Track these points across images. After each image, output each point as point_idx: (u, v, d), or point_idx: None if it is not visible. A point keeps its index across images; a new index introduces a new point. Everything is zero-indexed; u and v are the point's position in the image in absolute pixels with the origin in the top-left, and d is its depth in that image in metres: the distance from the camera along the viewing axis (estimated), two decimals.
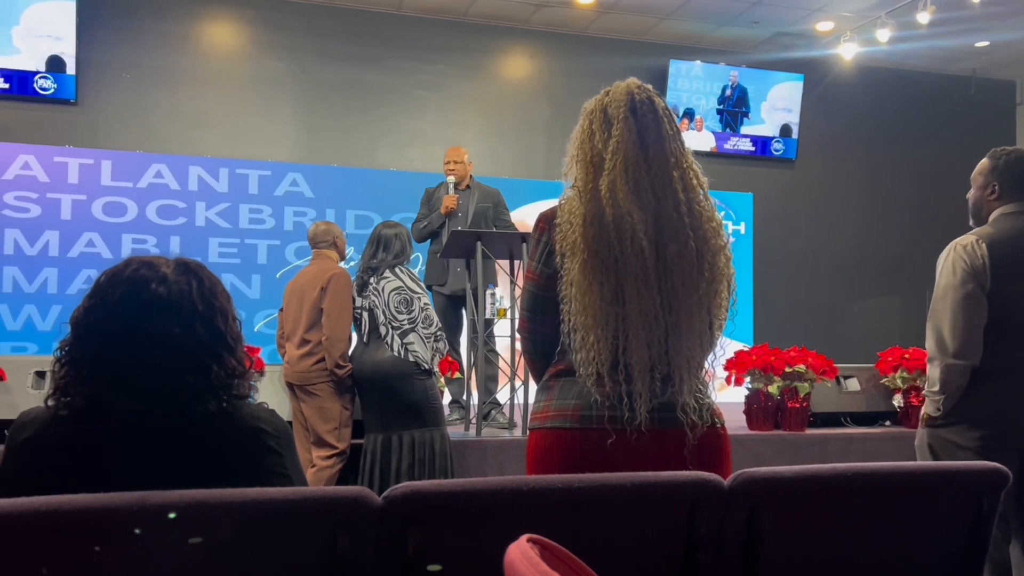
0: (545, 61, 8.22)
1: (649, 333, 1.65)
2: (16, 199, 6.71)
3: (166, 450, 1.35)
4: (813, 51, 8.47)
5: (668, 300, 1.67)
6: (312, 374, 4.18)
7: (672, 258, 1.67)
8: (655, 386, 1.66)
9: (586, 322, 1.65)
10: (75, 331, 1.38)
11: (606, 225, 1.66)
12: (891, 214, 8.95)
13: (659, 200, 1.69)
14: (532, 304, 1.80)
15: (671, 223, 1.68)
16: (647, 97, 1.75)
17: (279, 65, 7.51)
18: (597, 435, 1.65)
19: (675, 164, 1.72)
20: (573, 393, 1.70)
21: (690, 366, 1.69)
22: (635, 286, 1.65)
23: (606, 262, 1.65)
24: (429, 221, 5.22)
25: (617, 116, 1.72)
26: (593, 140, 1.74)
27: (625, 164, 1.68)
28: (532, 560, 0.66)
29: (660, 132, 1.72)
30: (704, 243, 1.71)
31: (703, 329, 1.71)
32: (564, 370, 1.74)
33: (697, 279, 1.69)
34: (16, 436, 1.37)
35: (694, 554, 1.42)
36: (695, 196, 1.73)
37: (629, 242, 1.65)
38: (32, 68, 6.80)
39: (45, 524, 1.15)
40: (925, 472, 1.61)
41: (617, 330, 1.65)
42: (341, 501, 1.26)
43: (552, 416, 1.72)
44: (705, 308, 1.70)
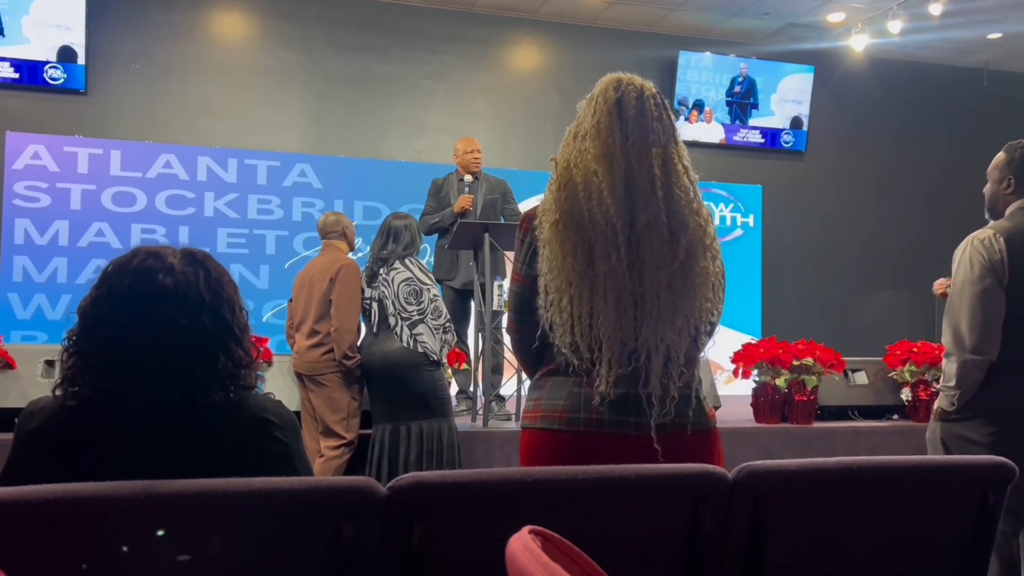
0: (554, 52, 8.20)
1: (617, 300, 1.63)
2: (26, 189, 6.74)
3: (173, 440, 1.36)
4: (824, 43, 8.42)
5: (637, 271, 1.65)
6: (321, 364, 4.20)
7: (641, 228, 1.66)
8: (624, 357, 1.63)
9: (559, 285, 1.65)
10: (82, 321, 1.39)
11: (575, 187, 1.67)
12: (901, 207, 8.91)
13: (632, 171, 1.67)
14: (519, 305, 1.80)
15: (643, 195, 1.67)
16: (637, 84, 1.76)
17: (288, 55, 7.51)
18: (585, 437, 1.65)
19: (655, 141, 1.70)
20: (563, 393, 1.70)
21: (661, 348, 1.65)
22: (604, 248, 1.64)
23: (579, 223, 1.65)
24: (441, 218, 5.14)
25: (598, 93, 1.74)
26: (578, 119, 1.76)
27: (597, 130, 1.69)
28: (533, 551, 0.66)
29: (642, 109, 1.71)
30: (681, 226, 1.68)
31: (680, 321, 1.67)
32: (553, 370, 1.74)
33: (667, 256, 1.66)
34: (25, 425, 1.38)
35: (698, 547, 1.42)
36: (676, 179, 1.70)
37: (596, 203, 1.65)
38: (42, 58, 6.82)
39: (52, 512, 1.16)
40: (930, 466, 1.60)
41: (590, 293, 1.64)
42: (346, 491, 1.26)
43: (541, 416, 1.73)
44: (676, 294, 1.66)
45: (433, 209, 5.24)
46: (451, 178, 5.31)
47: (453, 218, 5.08)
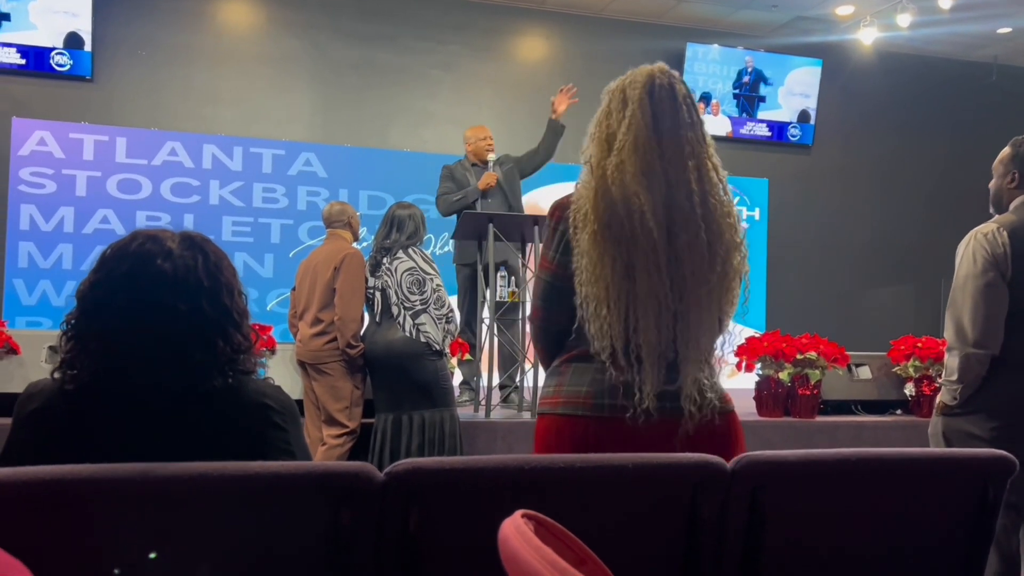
0: (561, 43, 8.17)
1: (658, 316, 1.64)
2: (32, 175, 6.75)
3: (171, 424, 1.36)
4: (832, 36, 8.38)
5: (678, 288, 1.66)
6: (324, 353, 4.20)
7: (682, 248, 1.66)
8: (662, 372, 1.65)
9: (598, 293, 1.65)
10: (81, 305, 1.39)
11: (614, 202, 1.66)
12: (907, 202, 8.88)
13: (671, 187, 1.67)
14: (546, 293, 1.79)
15: (682, 213, 1.67)
16: (668, 82, 1.73)
17: (294, 43, 7.50)
18: (608, 423, 1.65)
19: (691, 153, 1.70)
20: (586, 380, 1.70)
21: (697, 356, 1.68)
22: (645, 266, 1.64)
23: (617, 236, 1.64)
24: (465, 195, 5.07)
25: (633, 97, 1.70)
26: (609, 119, 1.72)
27: (635, 145, 1.67)
28: (525, 535, 0.66)
29: (677, 118, 1.70)
30: (717, 238, 1.69)
31: (712, 322, 1.70)
32: (577, 356, 1.73)
33: (708, 272, 1.67)
34: (24, 407, 1.39)
35: (696, 536, 1.42)
36: (712, 189, 1.71)
37: (638, 222, 1.64)
38: (49, 44, 6.82)
39: (50, 493, 1.17)
40: (930, 459, 1.60)
41: (628, 307, 1.64)
42: (344, 476, 1.26)
43: (563, 402, 1.72)
44: (716, 302, 1.69)
45: (450, 191, 5.16)
46: (463, 164, 5.27)
47: (477, 195, 5.05)
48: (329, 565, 1.27)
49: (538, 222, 4.75)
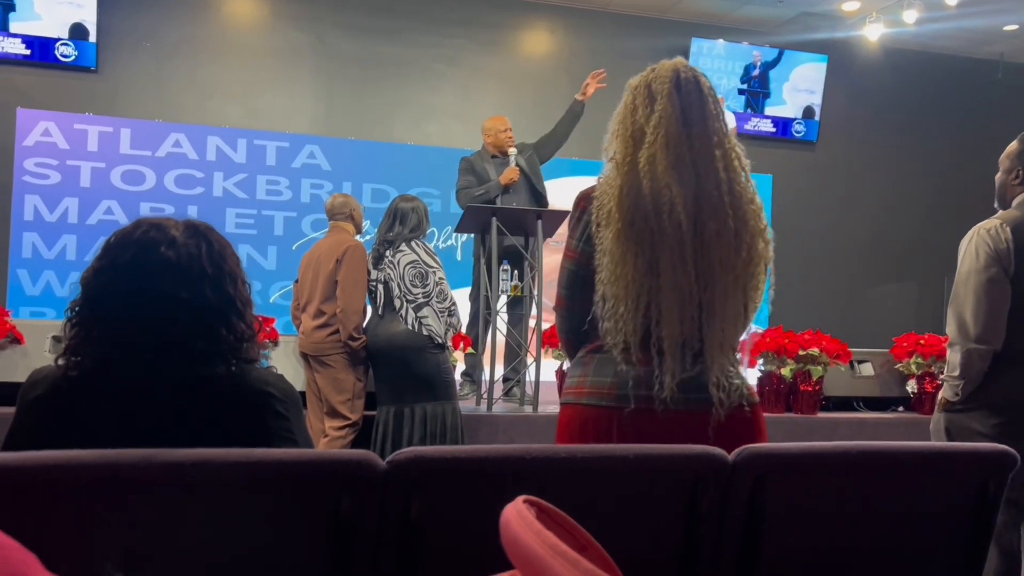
0: (565, 37, 8.16)
1: (682, 308, 1.65)
2: (36, 165, 6.76)
3: (174, 411, 1.37)
4: (838, 32, 8.36)
5: (704, 277, 1.67)
6: (326, 345, 4.21)
7: (710, 236, 1.67)
8: (686, 363, 1.66)
9: (616, 292, 1.65)
10: (85, 292, 1.39)
11: (643, 197, 1.66)
12: (912, 200, 8.86)
13: (700, 178, 1.68)
14: (571, 282, 1.79)
15: (711, 201, 1.68)
16: (692, 76, 1.75)
17: (298, 36, 7.50)
18: (631, 414, 1.65)
19: (717, 143, 1.72)
20: (609, 371, 1.70)
21: (722, 345, 1.69)
22: (670, 260, 1.65)
23: (641, 233, 1.65)
24: (487, 190, 5.04)
25: (661, 92, 1.71)
26: (635, 115, 1.73)
27: (667, 139, 1.68)
28: (527, 519, 0.66)
29: (704, 111, 1.72)
30: (743, 224, 1.70)
31: (738, 310, 1.71)
32: (601, 346, 1.74)
33: (734, 259, 1.69)
34: (27, 394, 1.39)
35: (696, 527, 1.42)
36: (736, 176, 1.73)
37: (667, 216, 1.65)
38: (54, 35, 6.82)
39: (53, 478, 1.17)
40: (931, 452, 1.60)
41: (650, 303, 1.65)
42: (346, 464, 1.26)
43: (587, 393, 1.72)
44: (741, 289, 1.70)
45: (471, 184, 5.12)
46: (482, 155, 5.22)
47: (499, 190, 5.02)
48: (331, 553, 1.28)
49: (541, 216, 4.75)
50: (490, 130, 5.26)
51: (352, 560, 1.28)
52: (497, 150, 5.20)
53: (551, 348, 4.87)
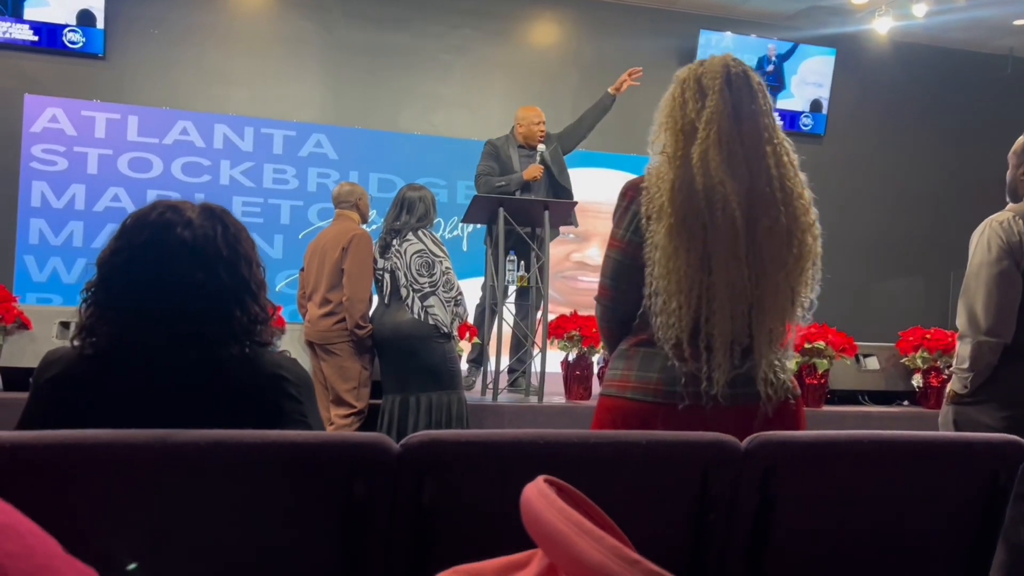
0: (573, 28, 8.13)
1: (734, 305, 1.65)
2: (44, 152, 6.76)
3: (187, 392, 1.37)
4: (847, 25, 8.32)
5: (756, 274, 1.67)
6: (332, 333, 4.21)
7: (763, 233, 1.67)
8: (735, 359, 1.66)
9: (669, 287, 1.65)
10: (101, 273, 1.40)
11: (696, 193, 1.66)
12: (919, 195, 8.83)
13: (752, 174, 1.69)
14: (616, 272, 1.79)
15: (763, 198, 1.68)
16: (742, 71, 1.75)
17: (306, 25, 7.48)
18: (677, 410, 1.65)
19: (768, 139, 1.72)
20: (656, 366, 1.70)
21: (771, 341, 1.69)
22: (724, 257, 1.65)
23: (693, 229, 1.65)
24: (508, 182, 4.97)
25: (712, 87, 1.71)
26: (685, 109, 1.72)
27: (719, 135, 1.68)
28: (549, 497, 0.66)
29: (755, 106, 1.72)
30: (794, 220, 1.71)
31: (786, 305, 1.71)
32: (647, 340, 1.74)
33: (786, 255, 1.69)
34: (42, 374, 1.40)
35: (706, 515, 1.42)
36: (786, 172, 1.73)
37: (720, 211, 1.65)
38: (62, 21, 6.82)
39: (67, 457, 1.18)
40: (941, 443, 1.60)
41: (701, 298, 1.65)
42: (359, 447, 1.27)
43: (632, 387, 1.72)
44: (791, 285, 1.70)
45: (493, 171, 5.05)
46: (509, 141, 5.14)
47: (519, 185, 4.96)
48: (343, 535, 1.28)
49: (548, 207, 4.74)
50: (523, 120, 5.14)
51: (365, 543, 1.29)
52: (526, 142, 5.11)
53: (556, 339, 4.87)
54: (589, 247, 7.90)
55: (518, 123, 5.19)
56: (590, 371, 4.93)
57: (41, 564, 0.69)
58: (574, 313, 4.97)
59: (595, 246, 7.89)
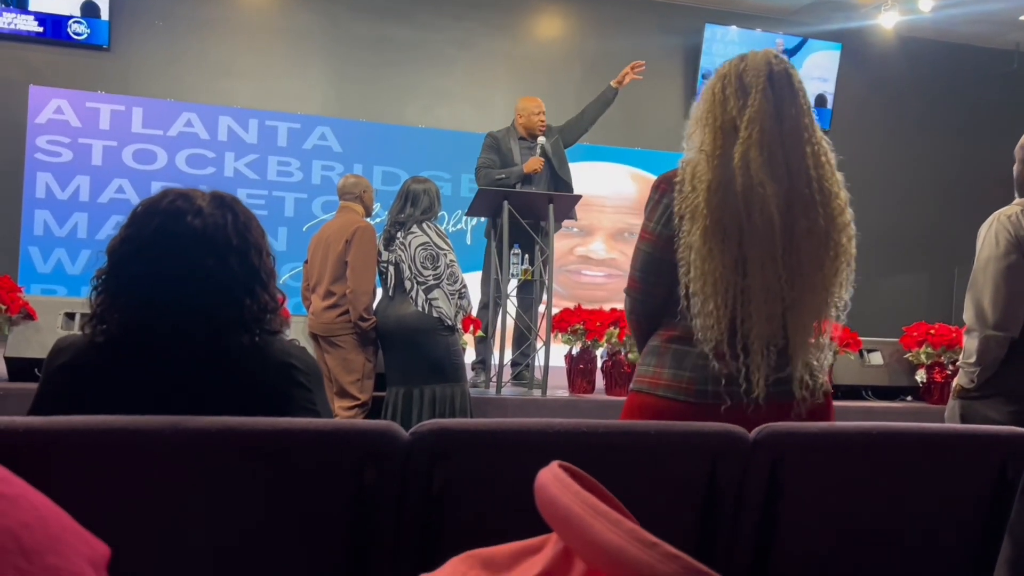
0: (578, 21, 8.12)
1: (771, 307, 1.65)
2: (48, 143, 6.76)
3: (198, 380, 1.38)
4: (852, 20, 8.30)
5: (791, 275, 1.66)
6: (336, 326, 4.22)
7: (801, 234, 1.67)
8: (771, 360, 1.66)
9: (705, 289, 1.64)
10: (111, 260, 1.40)
11: (734, 194, 1.64)
12: (924, 190, 8.82)
13: (792, 176, 1.68)
14: (645, 265, 1.78)
15: (802, 199, 1.67)
16: (784, 70, 1.73)
17: (310, 18, 7.48)
18: (710, 410, 1.64)
19: (808, 140, 1.71)
20: (688, 365, 1.70)
21: (807, 342, 1.69)
22: (760, 259, 1.64)
23: (729, 230, 1.64)
24: (508, 175, 4.94)
25: (755, 85, 1.69)
26: (726, 106, 1.71)
27: (761, 135, 1.66)
28: (564, 481, 0.66)
29: (796, 106, 1.71)
30: (831, 221, 1.70)
31: (822, 306, 1.71)
32: (678, 336, 1.73)
33: (823, 257, 1.69)
34: (53, 361, 1.40)
35: (714, 505, 1.43)
36: (824, 173, 1.72)
37: (758, 213, 1.64)
38: (66, 12, 6.82)
39: (78, 443, 1.18)
40: (950, 435, 1.60)
41: (736, 301, 1.64)
42: (369, 434, 1.27)
43: (664, 385, 1.71)
44: (827, 286, 1.70)
45: (493, 163, 5.02)
46: (510, 133, 5.11)
47: (520, 178, 4.93)
48: (352, 522, 1.29)
49: (553, 200, 4.74)
50: (523, 111, 5.11)
51: (374, 530, 1.29)
52: (527, 133, 5.09)
53: (560, 333, 4.87)
54: (593, 241, 7.90)
55: (518, 114, 5.16)
56: (594, 365, 4.93)
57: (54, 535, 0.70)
58: (578, 307, 4.98)
59: (599, 240, 7.89)
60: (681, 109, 8.26)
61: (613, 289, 7.81)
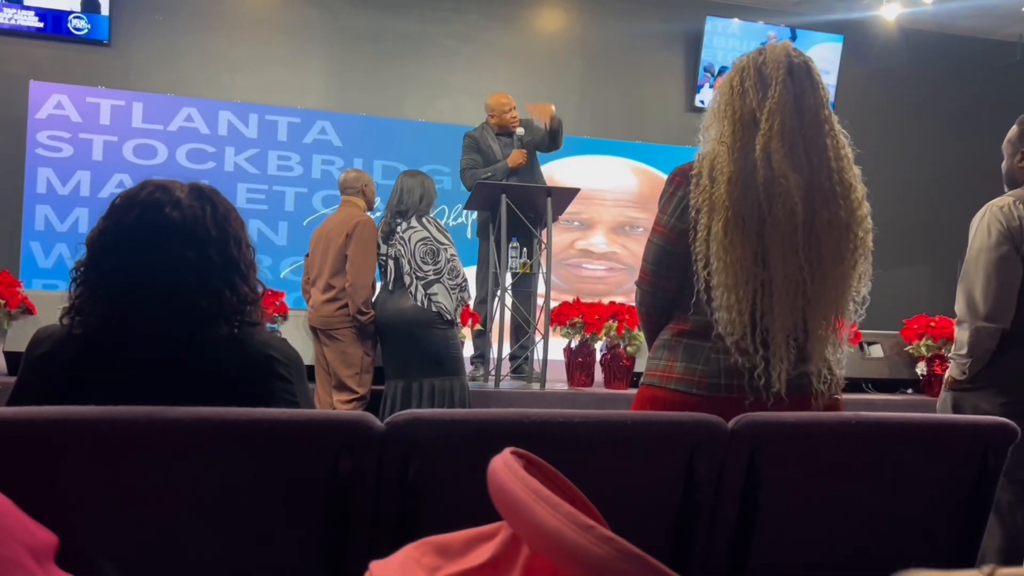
0: (579, 14, 8.10)
1: (792, 299, 1.64)
2: (49, 138, 6.78)
3: (177, 372, 1.38)
4: (854, 12, 8.27)
5: (812, 268, 1.66)
6: (335, 319, 4.23)
7: (822, 226, 1.67)
8: (791, 354, 1.66)
9: (727, 281, 1.64)
10: (90, 252, 1.41)
11: (755, 186, 1.64)
12: (926, 182, 8.79)
13: (813, 167, 1.68)
14: (658, 257, 1.77)
15: (823, 191, 1.68)
16: (804, 62, 1.73)
17: (311, 11, 7.48)
18: (723, 403, 1.64)
19: (828, 132, 1.71)
20: (700, 359, 1.70)
21: (825, 337, 1.69)
22: (781, 251, 1.64)
23: (749, 222, 1.64)
24: (494, 172, 4.93)
25: (775, 77, 1.69)
26: (746, 98, 1.70)
27: (782, 127, 1.66)
28: (512, 467, 0.67)
29: (816, 98, 1.71)
30: (851, 214, 1.70)
31: (840, 300, 1.71)
32: (689, 331, 1.73)
33: (844, 249, 1.69)
34: (32, 351, 1.41)
35: (693, 494, 1.43)
36: (844, 165, 1.73)
37: (780, 205, 1.64)
38: (67, 8, 6.83)
39: (56, 434, 1.19)
40: (930, 424, 1.60)
41: (757, 293, 1.64)
42: (344, 425, 1.28)
43: (677, 378, 1.71)
44: (846, 280, 1.70)
45: (476, 163, 5.02)
46: (486, 130, 5.10)
47: (506, 173, 4.93)
48: (328, 512, 1.29)
49: (551, 193, 4.74)
50: (494, 109, 5.10)
51: (351, 520, 1.30)
52: (502, 129, 5.09)
53: (559, 326, 4.88)
54: (594, 235, 7.89)
55: (490, 113, 5.14)
56: (592, 358, 4.93)
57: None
58: (576, 300, 4.98)
59: (599, 234, 7.89)
60: (682, 102, 8.24)
61: (614, 283, 7.81)
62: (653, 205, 1.82)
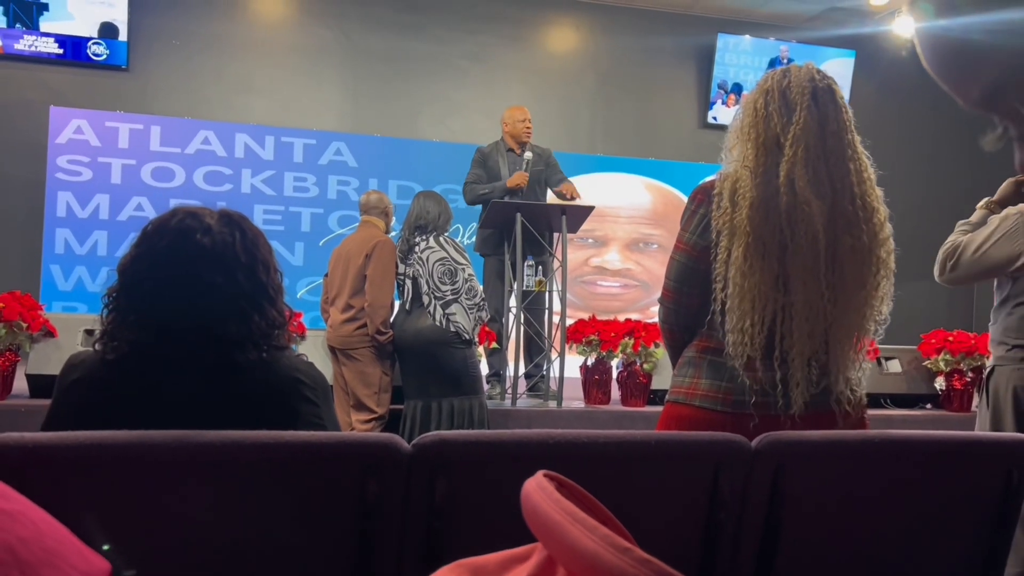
0: (590, 33, 8.16)
1: (813, 325, 1.65)
2: (69, 163, 6.87)
3: (206, 395, 1.40)
4: (866, 27, 8.29)
5: (834, 293, 1.66)
6: (354, 339, 4.26)
7: (844, 251, 1.67)
8: (812, 375, 1.66)
9: (743, 305, 1.65)
10: (122, 279, 1.43)
11: (778, 211, 1.65)
12: (940, 197, 8.75)
13: (836, 192, 1.68)
14: (680, 275, 1.79)
15: (846, 216, 1.68)
16: (828, 85, 1.74)
17: (325, 33, 7.56)
18: (747, 421, 1.66)
19: (851, 156, 1.72)
20: (724, 376, 1.71)
21: (847, 359, 1.70)
22: (802, 276, 1.64)
23: (769, 247, 1.64)
24: (491, 190, 4.94)
25: (800, 103, 1.69)
26: (769, 122, 1.71)
27: (806, 154, 1.67)
28: (547, 490, 0.68)
29: (840, 123, 1.71)
30: (874, 237, 1.70)
31: (863, 322, 1.71)
32: (713, 348, 1.74)
33: (866, 274, 1.69)
34: (66, 377, 1.44)
35: (716, 514, 1.43)
36: (866, 189, 1.73)
37: (803, 231, 1.64)
38: (85, 34, 6.94)
39: (89, 458, 1.21)
40: (953, 442, 1.60)
41: (776, 317, 1.65)
42: (372, 447, 1.29)
43: (702, 395, 1.73)
44: (869, 302, 1.70)
45: (479, 178, 5.05)
46: (498, 147, 5.13)
47: (503, 193, 4.92)
48: (356, 534, 1.31)
49: (565, 211, 4.76)
50: (508, 119, 5.14)
51: (377, 542, 1.31)
52: (514, 141, 5.10)
53: (575, 344, 4.88)
54: (608, 252, 7.90)
55: (504, 123, 5.17)
56: (609, 376, 4.93)
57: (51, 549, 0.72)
58: (592, 318, 4.99)
59: (614, 251, 7.90)
60: (695, 119, 8.27)
61: (629, 299, 7.81)
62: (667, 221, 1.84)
